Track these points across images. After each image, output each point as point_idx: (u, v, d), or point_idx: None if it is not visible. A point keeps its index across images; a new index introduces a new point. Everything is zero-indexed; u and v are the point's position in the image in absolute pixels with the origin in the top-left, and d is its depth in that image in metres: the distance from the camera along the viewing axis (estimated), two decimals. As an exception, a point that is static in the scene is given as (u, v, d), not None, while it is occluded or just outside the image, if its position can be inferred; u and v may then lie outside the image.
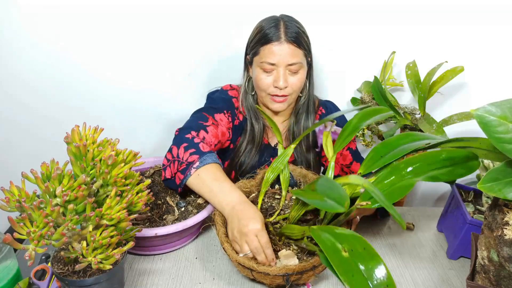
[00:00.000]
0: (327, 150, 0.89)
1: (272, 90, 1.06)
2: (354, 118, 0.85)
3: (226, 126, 1.13)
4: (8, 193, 0.62)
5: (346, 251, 0.61)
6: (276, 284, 0.80)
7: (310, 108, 1.16)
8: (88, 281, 0.67)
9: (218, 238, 0.85)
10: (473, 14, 1.34)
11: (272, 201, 0.97)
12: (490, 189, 0.59)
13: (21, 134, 1.53)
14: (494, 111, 0.54)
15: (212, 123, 1.09)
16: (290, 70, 1.04)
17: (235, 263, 0.81)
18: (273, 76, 1.05)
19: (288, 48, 1.01)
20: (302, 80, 1.07)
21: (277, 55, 1.01)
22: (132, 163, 0.72)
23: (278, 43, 1.01)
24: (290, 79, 1.05)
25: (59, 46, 1.37)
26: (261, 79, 1.06)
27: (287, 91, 1.06)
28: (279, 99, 1.08)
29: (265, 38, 1.02)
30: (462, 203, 0.97)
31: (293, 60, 1.02)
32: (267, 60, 1.03)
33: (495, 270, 0.67)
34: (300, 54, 1.04)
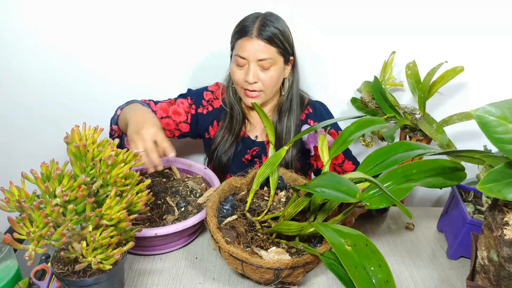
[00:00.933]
0: (322, 154, 0.90)
1: (243, 84, 1.10)
2: (350, 126, 0.89)
3: (185, 109, 1.21)
4: (8, 193, 0.62)
5: (349, 245, 0.64)
6: (265, 279, 0.79)
7: (293, 106, 1.18)
8: (88, 281, 0.67)
9: (209, 228, 0.85)
10: (473, 14, 1.34)
11: (260, 202, 0.98)
12: (489, 190, 0.59)
13: (21, 134, 1.53)
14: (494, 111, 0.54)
15: (169, 102, 1.20)
16: (261, 66, 1.06)
17: (226, 255, 0.80)
18: (244, 70, 1.08)
19: (258, 44, 1.04)
20: (274, 77, 1.09)
21: (247, 50, 1.05)
22: (132, 163, 0.72)
23: (249, 38, 1.04)
24: (261, 74, 1.08)
25: (59, 46, 1.37)
26: (234, 72, 1.11)
27: (257, 86, 1.09)
28: (251, 94, 1.11)
29: (240, 32, 1.07)
30: (462, 203, 0.97)
31: (263, 56, 1.05)
32: (239, 54, 1.07)
33: (495, 270, 0.67)
34: (272, 51, 1.06)
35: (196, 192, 1.07)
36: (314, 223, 0.74)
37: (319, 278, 0.89)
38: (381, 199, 0.76)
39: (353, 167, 1.20)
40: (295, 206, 0.82)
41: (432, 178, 0.75)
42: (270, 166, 0.94)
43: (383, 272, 0.60)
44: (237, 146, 1.22)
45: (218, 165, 1.22)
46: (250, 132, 1.24)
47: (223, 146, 1.20)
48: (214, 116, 1.24)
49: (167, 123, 1.20)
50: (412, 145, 0.81)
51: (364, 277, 0.59)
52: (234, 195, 0.99)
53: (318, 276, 0.90)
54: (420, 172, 0.76)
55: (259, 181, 0.94)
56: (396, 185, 0.77)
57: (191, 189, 1.07)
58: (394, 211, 1.18)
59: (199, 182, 1.10)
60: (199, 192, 1.07)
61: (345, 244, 0.64)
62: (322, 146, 0.91)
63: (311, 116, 1.22)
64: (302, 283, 0.88)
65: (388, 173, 0.78)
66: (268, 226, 0.90)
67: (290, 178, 1.04)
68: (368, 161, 0.83)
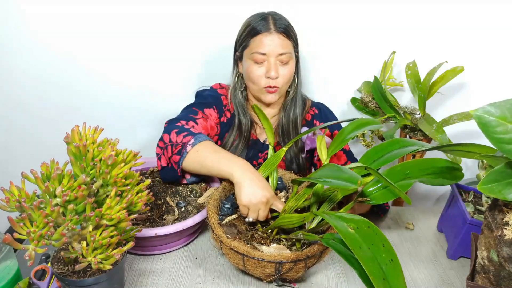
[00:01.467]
0: (321, 153, 0.91)
1: (265, 82, 1.08)
2: (348, 126, 0.91)
3: (215, 121, 1.15)
4: (8, 193, 0.62)
5: (352, 228, 0.65)
6: (266, 274, 0.79)
7: (298, 102, 1.18)
8: (88, 281, 0.67)
9: (210, 224, 0.84)
10: (473, 14, 1.34)
11: None
12: (490, 190, 0.59)
13: (21, 134, 1.53)
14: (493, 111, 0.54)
15: (202, 116, 1.10)
16: (281, 60, 1.06)
17: (227, 249, 0.80)
18: (265, 67, 1.07)
19: (278, 38, 1.04)
20: (292, 72, 1.09)
21: (267, 45, 1.04)
22: (132, 163, 0.72)
23: (268, 33, 1.04)
24: (281, 69, 1.07)
25: (59, 47, 1.37)
26: (252, 71, 1.08)
27: (278, 82, 1.08)
28: (272, 90, 1.09)
29: (255, 30, 1.05)
30: (462, 203, 0.97)
31: (284, 50, 1.05)
32: (258, 50, 1.05)
33: (495, 270, 0.67)
34: (290, 45, 1.06)
35: (196, 192, 1.07)
36: (318, 211, 0.75)
37: (319, 278, 0.89)
38: (383, 195, 0.78)
39: None
40: (296, 199, 0.83)
41: (429, 176, 0.77)
42: (269, 167, 0.95)
43: (387, 251, 0.62)
44: (249, 150, 1.19)
45: None
46: (260, 135, 1.23)
47: (233, 151, 1.17)
48: (232, 123, 1.19)
49: None
50: (407, 142, 0.82)
51: (369, 256, 0.60)
52: (234, 195, 0.99)
53: (318, 276, 0.90)
54: (418, 170, 0.78)
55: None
56: (395, 181, 0.78)
57: (191, 189, 1.07)
58: (394, 211, 1.18)
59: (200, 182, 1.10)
60: (199, 192, 1.07)
61: (348, 227, 0.65)
62: (321, 146, 0.92)
63: (316, 117, 1.21)
64: (301, 283, 0.88)
65: (388, 171, 0.80)
66: (268, 225, 0.91)
67: (289, 179, 1.04)
68: (365, 158, 0.84)
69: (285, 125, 1.18)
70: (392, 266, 0.60)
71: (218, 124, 1.17)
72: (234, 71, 1.17)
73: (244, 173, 0.88)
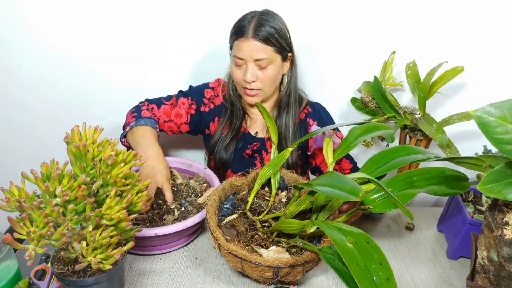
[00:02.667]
0: (327, 155, 0.91)
1: (243, 83, 1.12)
2: (356, 130, 0.90)
3: (185, 110, 1.23)
4: (8, 193, 0.62)
5: (351, 243, 0.64)
6: (264, 277, 0.79)
7: (291, 101, 1.20)
8: (88, 281, 0.68)
9: (209, 226, 0.85)
10: (473, 14, 1.34)
11: (261, 202, 0.98)
12: (490, 190, 0.59)
13: (21, 134, 1.53)
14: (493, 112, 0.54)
15: (172, 103, 1.22)
16: (259, 65, 1.08)
17: (225, 252, 0.80)
18: (243, 70, 1.10)
19: (253, 44, 1.05)
20: (272, 76, 1.11)
21: (244, 51, 1.06)
22: (132, 163, 0.72)
23: (245, 39, 1.06)
24: (259, 73, 1.10)
25: (59, 46, 1.37)
26: (233, 72, 1.13)
27: (256, 85, 1.11)
28: (251, 93, 1.13)
29: (236, 33, 1.08)
30: (462, 203, 0.97)
31: (260, 55, 1.06)
32: (236, 55, 1.09)
33: (495, 270, 0.67)
34: (269, 50, 1.07)
35: (196, 192, 1.07)
36: (317, 220, 0.74)
37: (319, 278, 0.89)
38: (384, 203, 0.77)
39: (351, 165, 1.22)
40: (296, 204, 0.83)
41: (435, 186, 0.76)
42: (273, 167, 0.94)
43: (384, 270, 0.61)
44: (238, 142, 1.23)
45: (219, 161, 1.22)
46: (250, 128, 1.25)
47: (223, 141, 1.21)
48: (216, 113, 1.25)
49: (170, 126, 1.23)
50: (413, 149, 0.82)
51: (365, 274, 0.59)
52: (235, 194, 0.99)
53: (318, 276, 0.90)
54: (423, 179, 0.77)
55: (261, 181, 0.94)
56: (399, 190, 0.77)
57: (192, 189, 1.07)
58: (394, 211, 1.18)
59: (201, 182, 1.10)
60: (199, 192, 1.07)
61: (346, 242, 0.64)
62: (327, 148, 0.92)
63: (310, 115, 1.23)
64: (301, 283, 0.88)
65: (392, 179, 0.79)
66: (269, 226, 0.90)
67: (291, 179, 1.04)
68: (370, 163, 0.84)
69: (278, 126, 1.19)
70: (388, 285, 0.59)
71: (188, 113, 1.23)
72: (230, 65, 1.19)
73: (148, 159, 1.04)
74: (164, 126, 1.23)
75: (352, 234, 0.66)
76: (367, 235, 0.66)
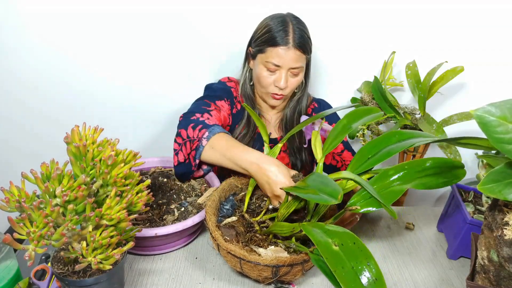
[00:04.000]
0: (315, 150, 0.89)
1: (272, 89, 1.12)
2: (344, 118, 0.86)
3: (227, 112, 1.17)
4: (8, 193, 0.62)
5: (336, 245, 0.63)
6: (263, 277, 0.79)
7: (303, 103, 1.22)
8: (88, 281, 0.67)
9: (208, 226, 0.84)
10: (473, 14, 1.34)
11: (260, 202, 0.98)
12: (490, 190, 0.59)
13: (21, 134, 1.53)
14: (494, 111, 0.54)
15: (215, 108, 1.11)
16: (292, 72, 1.09)
17: (224, 252, 0.80)
18: (276, 76, 1.10)
19: (294, 54, 1.06)
20: (300, 81, 1.14)
21: (283, 59, 1.06)
22: (132, 163, 0.72)
23: (285, 47, 1.05)
24: (290, 80, 1.11)
25: (59, 46, 1.37)
26: (263, 77, 1.11)
27: (285, 91, 1.12)
28: (278, 97, 1.13)
29: (274, 40, 1.06)
30: (462, 203, 0.97)
31: (297, 64, 1.08)
32: (272, 61, 1.07)
33: (495, 270, 0.67)
34: (303, 58, 1.09)
35: (196, 192, 1.07)
36: (302, 223, 0.73)
37: (319, 278, 0.89)
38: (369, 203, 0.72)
39: (352, 157, 1.22)
40: (286, 207, 0.83)
41: (427, 178, 0.72)
42: None
43: (372, 270, 0.60)
44: (255, 143, 1.22)
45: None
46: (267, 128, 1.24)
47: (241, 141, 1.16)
48: (242, 114, 1.22)
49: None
50: (405, 134, 0.75)
51: (351, 276, 0.58)
52: (234, 195, 0.99)
53: (318, 276, 0.90)
54: (415, 172, 0.72)
55: (254, 182, 0.94)
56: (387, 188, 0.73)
57: (192, 189, 1.07)
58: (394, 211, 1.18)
59: (201, 182, 1.10)
60: (200, 192, 1.07)
61: (332, 244, 0.63)
62: (315, 142, 0.89)
63: (316, 110, 1.26)
64: (301, 283, 0.88)
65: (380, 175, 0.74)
66: (267, 226, 0.90)
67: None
68: (359, 155, 0.79)
69: (289, 120, 1.22)
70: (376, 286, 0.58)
71: (230, 116, 1.19)
72: (246, 65, 1.19)
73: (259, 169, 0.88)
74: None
75: (338, 235, 0.64)
76: (354, 235, 0.64)
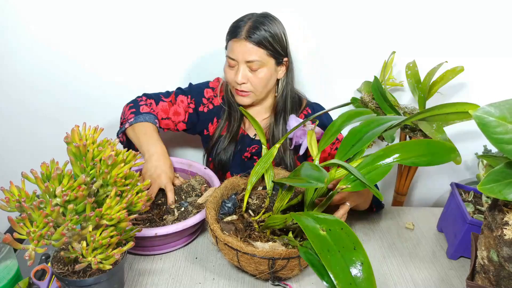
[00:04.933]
0: (311, 148, 0.91)
1: (234, 84, 1.12)
2: (337, 119, 0.90)
3: (184, 108, 1.21)
4: (8, 193, 0.62)
5: (324, 230, 0.65)
6: (260, 271, 0.80)
7: (288, 106, 1.19)
8: (88, 281, 0.68)
9: (207, 219, 0.85)
10: (473, 15, 1.34)
11: (260, 202, 0.98)
12: (490, 190, 0.59)
13: (21, 134, 1.53)
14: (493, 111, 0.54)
15: (170, 101, 1.21)
16: (250, 67, 1.08)
17: (222, 245, 0.81)
18: (235, 70, 1.10)
19: (245, 46, 1.05)
20: (263, 79, 1.10)
21: (236, 52, 1.07)
22: (132, 163, 0.72)
23: (237, 39, 1.06)
24: (250, 75, 1.09)
25: (59, 46, 1.37)
26: (225, 72, 1.14)
27: (246, 87, 1.11)
28: (241, 93, 1.13)
29: (230, 33, 1.09)
30: (462, 203, 0.97)
31: (251, 57, 1.06)
32: (229, 55, 1.10)
33: (495, 270, 0.67)
34: (261, 53, 1.07)
35: (196, 192, 1.07)
36: (292, 212, 0.75)
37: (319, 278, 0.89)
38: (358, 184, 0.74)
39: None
40: (280, 200, 0.84)
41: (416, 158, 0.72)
42: (262, 164, 0.94)
43: (358, 254, 0.60)
44: (237, 144, 1.22)
45: (218, 163, 1.22)
46: (249, 130, 1.25)
47: (221, 143, 1.21)
48: (214, 114, 1.24)
49: (167, 124, 1.22)
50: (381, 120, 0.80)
51: (337, 260, 0.59)
52: (235, 195, 0.99)
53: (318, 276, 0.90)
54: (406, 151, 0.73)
55: (252, 181, 0.94)
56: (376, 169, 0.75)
57: (192, 189, 1.07)
58: (394, 211, 1.18)
59: (201, 182, 1.10)
60: (200, 192, 1.07)
61: (319, 229, 0.65)
62: (311, 141, 0.92)
63: (309, 116, 1.22)
64: (301, 283, 0.88)
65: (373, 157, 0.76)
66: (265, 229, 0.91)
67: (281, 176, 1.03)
68: (344, 145, 0.82)
69: (275, 135, 1.19)
70: (362, 269, 0.59)
71: (186, 112, 1.22)
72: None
73: (151, 157, 1.04)
74: (162, 123, 1.22)
75: (327, 222, 0.66)
76: (343, 222, 0.66)
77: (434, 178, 1.68)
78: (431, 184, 1.70)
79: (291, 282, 0.87)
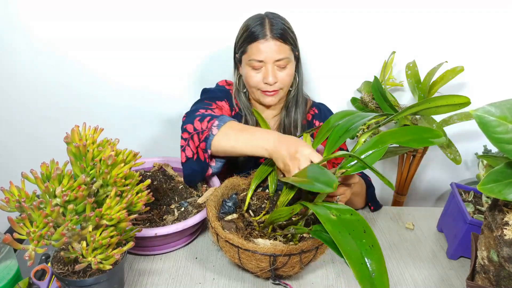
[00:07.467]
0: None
1: (262, 86, 1.10)
2: (331, 118, 0.91)
3: (227, 112, 1.16)
4: (8, 193, 0.62)
5: (334, 215, 0.67)
6: (261, 268, 0.80)
7: (299, 101, 1.19)
8: (88, 281, 0.67)
9: (208, 217, 0.85)
10: (473, 14, 1.34)
11: (261, 204, 0.98)
12: (490, 190, 0.59)
13: (21, 134, 1.53)
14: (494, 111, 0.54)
15: (216, 107, 1.11)
16: (278, 65, 1.07)
17: (223, 242, 0.81)
18: (262, 73, 1.08)
19: (274, 44, 1.04)
20: (291, 74, 1.10)
21: (264, 52, 1.04)
22: (132, 163, 0.72)
23: (264, 40, 1.04)
24: (279, 74, 1.08)
25: (59, 46, 1.37)
26: (250, 77, 1.09)
27: (277, 86, 1.10)
28: (270, 93, 1.11)
29: (252, 36, 1.05)
30: (462, 203, 0.97)
31: (280, 55, 1.05)
32: (255, 58, 1.06)
33: (495, 270, 0.67)
34: (287, 49, 1.06)
35: (196, 192, 1.07)
36: (303, 201, 0.76)
37: (319, 278, 0.89)
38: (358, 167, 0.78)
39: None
40: (285, 194, 0.85)
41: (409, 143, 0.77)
42: (267, 167, 0.95)
43: (368, 237, 0.62)
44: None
45: (234, 168, 1.18)
46: None
47: None
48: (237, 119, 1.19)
49: None
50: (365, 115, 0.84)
51: (348, 241, 0.61)
52: (237, 194, 0.99)
53: (318, 276, 0.90)
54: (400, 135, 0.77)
55: (256, 182, 0.95)
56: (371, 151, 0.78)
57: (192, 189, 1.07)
58: (394, 211, 1.18)
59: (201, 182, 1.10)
60: (200, 192, 1.07)
61: (330, 214, 0.67)
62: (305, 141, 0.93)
63: (316, 116, 1.23)
64: (301, 283, 0.88)
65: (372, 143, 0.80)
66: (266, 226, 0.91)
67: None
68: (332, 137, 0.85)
69: (286, 125, 1.19)
70: (372, 251, 0.60)
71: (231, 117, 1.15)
72: (236, 73, 1.18)
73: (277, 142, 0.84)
74: None
75: (337, 209, 0.68)
76: (351, 209, 0.68)
77: (434, 178, 1.68)
78: (431, 184, 1.70)
79: (291, 282, 0.87)
